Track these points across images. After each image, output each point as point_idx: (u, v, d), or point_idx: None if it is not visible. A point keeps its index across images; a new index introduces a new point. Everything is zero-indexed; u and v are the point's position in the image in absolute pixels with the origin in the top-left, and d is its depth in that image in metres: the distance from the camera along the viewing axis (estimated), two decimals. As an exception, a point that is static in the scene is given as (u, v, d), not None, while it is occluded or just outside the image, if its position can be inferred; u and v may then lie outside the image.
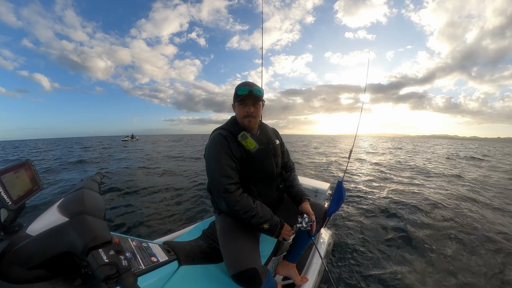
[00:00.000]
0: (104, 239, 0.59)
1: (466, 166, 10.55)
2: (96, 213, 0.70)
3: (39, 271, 0.60)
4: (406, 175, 7.55)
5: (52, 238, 0.60)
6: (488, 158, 14.93)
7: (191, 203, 4.33)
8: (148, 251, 0.98)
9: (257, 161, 1.27)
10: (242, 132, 1.26)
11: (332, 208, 2.09)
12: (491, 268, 2.37)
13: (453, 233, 3.13)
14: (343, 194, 2.13)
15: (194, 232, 1.48)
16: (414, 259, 2.52)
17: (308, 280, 1.55)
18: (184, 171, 7.89)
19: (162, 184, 5.83)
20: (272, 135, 1.45)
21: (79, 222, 0.62)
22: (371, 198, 4.73)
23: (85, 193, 0.79)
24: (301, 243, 1.48)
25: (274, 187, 1.38)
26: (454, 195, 5.05)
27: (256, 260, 1.11)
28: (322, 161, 11.28)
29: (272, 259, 1.44)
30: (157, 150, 17.56)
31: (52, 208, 0.70)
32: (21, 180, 0.70)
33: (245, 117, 1.27)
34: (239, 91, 1.25)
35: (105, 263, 0.53)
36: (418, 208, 4.02)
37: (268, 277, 1.20)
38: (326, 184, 2.41)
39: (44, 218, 0.67)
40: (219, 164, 1.17)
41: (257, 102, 1.28)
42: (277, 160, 1.38)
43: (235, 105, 1.32)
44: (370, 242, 2.89)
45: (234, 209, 1.12)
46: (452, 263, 2.45)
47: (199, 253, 1.22)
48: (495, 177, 7.67)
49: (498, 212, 4.09)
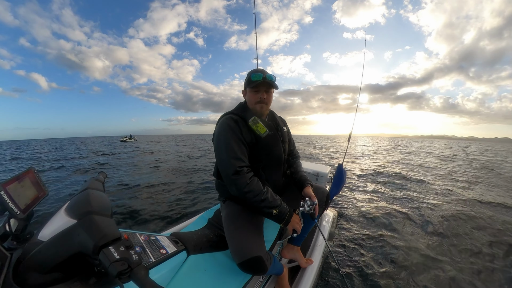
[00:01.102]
0: (113, 236, 0.60)
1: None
2: (103, 212, 0.71)
3: (55, 274, 0.62)
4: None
5: (63, 241, 0.62)
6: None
7: (195, 195, 4.41)
8: (156, 243, 1.01)
9: (267, 146, 1.28)
10: (253, 116, 1.25)
11: (334, 191, 2.13)
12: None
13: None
14: (344, 177, 2.16)
15: (200, 222, 1.51)
16: (419, 238, 2.59)
17: (313, 262, 1.61)
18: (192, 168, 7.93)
19: (167, 179, 5.91)
20: (280, 123, 1.46)
21: (87, 223, 0.63)
22: (372, 179, 4.80)
23: (90, 193, 0.80)
24: (305, 227, 1.53)
25: (281, 172, 1.40)
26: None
27: (260, 247, 1.14)
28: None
29: (277, 243, 1.48)
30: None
31: (60, 212, 0.72)
32: (27, 188, 0.71)
33: (258, 103, 1.28)
34: (252, 77, 1.24)
35: (117, 259, 0.54)
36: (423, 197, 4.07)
37: (274, 261, 1.25)
38: (327, 168, 2.44)
39: (53, 222, 0.68)
40: (230, 147, 1.16)
41: (269, 89, 1.28)
42: (285, 146, 1.40)
43: (246, 91, 1.32)
44: (373, 223, 2.96)
45: (244, 191, 1.11)
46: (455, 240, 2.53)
47: (206, 242, 1.25)
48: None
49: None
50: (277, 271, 1.35)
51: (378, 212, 3.30)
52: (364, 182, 5.08)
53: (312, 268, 1.56)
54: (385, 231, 2.73)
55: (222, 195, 1.39)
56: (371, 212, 3.29)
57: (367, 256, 2.29)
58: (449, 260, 2.22)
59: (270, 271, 1.20)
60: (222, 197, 1.39)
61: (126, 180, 6.00)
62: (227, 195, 1.34)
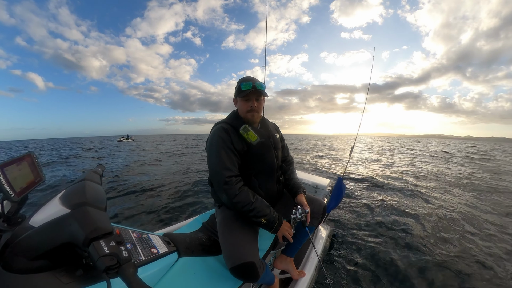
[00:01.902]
0: (105, 230, 0.59)
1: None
2: (97, 204, 0.70)
3: (42, 261, 0.61)
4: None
5: (54, 229, 0.61)
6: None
7: (192, 198, 4.38)
8: (148, 242, 0.99)
9: (258, 153, 1.29)
10: (244, 125, 1.27)
11: (332, 204, 2.10)
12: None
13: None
14: (343, 190, 2.14)
15: (194, 225, 1.50)
16: (412, 257, 2.54)
17: (305, 274, 1.57)
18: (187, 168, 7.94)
19: (163, 178, 5.89)
20: (273, 129, 1.47)
21: (80, 214, 0.63)
22: (368, 196, 4.75)
23: (87, 184, 0.80)
24: (299, 237, 1.50)
25: (274, 179, 1.39)
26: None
27: (254, 254, 1.13)
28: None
29: (270, 253, 1.46)
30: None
31: (54, 200, 0.71)
32: (24, 172, 0.71)
33: (249, 111, 1.29)
34: (242, 86, 1.26)
35: (106, 254, 0.53)
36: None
37: (266, 271, 1.22)
38: (326, 180, 2.42)
39: (47, 209, 0.68)
40: (219, 157, 1.19)
41: (259, 97, 1.30)
42: (277, 153, 1.40)
43: (237, 100, 1.33)
44: (368, 237, 2.91)
45: (233, 201, 1.14)
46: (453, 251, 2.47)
47: (198, 245, 1.24)
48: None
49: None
50: (269, 280, 1.33)
51: (378, 226, 3.25)
52: (364, 191, 5.01)
53: (304, 281, 1.52)
54: (384, 245, 2.68)
55: (217, 201, 1.39)
56: (370, 225, 3.23)
57: (362, 273, 2.23)
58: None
59: (261, 280, 1.18)
60: (217, 202, 1.39)
61: (125, 175, 5.98)
62: (222, 202, 1.34)
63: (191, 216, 1.72)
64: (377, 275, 2.21)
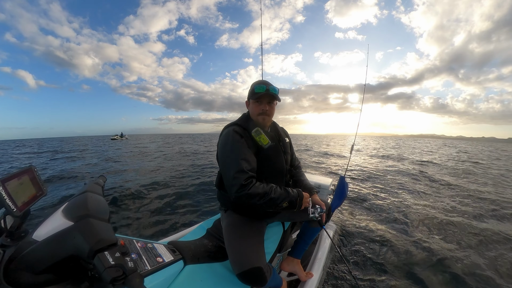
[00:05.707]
0: (109, 241, 0.59)
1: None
2: (100, 216, 0.70)
3: (47, 275, 0.60)
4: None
5: (58, 242, 0.61)
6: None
7: (194, 202, 4.35)
8: (153, 251, 0.99)
9: (269, 157, 1.28)
10: (256, 128, 1.26)
11: (335, 203, 2.10)
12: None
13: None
14: (346, 189, 2.13)
15: (199, 231, 1.49)
16: (419, 268, 2.52)
17: (313, 275, 1.56)
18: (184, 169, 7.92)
19: (165, 184, 5.86)
20: (282, 133, 1.47)
21: (84, 226, 0.62)
22: (373, 193, 4.74)
23: (89, 196, 0.79)
24: (306, 239, 1.49)
25: (283, 183, 1.38)
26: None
27: (261, 258, 1.12)
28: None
29: (276, 256, 1.44)
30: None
31: (57, 213, 0.70)
32: (25, 186, 0.70)
33: (260, 114, 1.29)
34: (256, 88, 1.27)
35: (111, 265, 0.53)
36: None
37: (273, 274, 1.21)
38: (328, 180, 2.42)
39: (49, 223, 0.67)
40: (234, 161, 1.14)
41: (272, 100, 1.30)
42: (286, 157, 1.40)
43: (249, 102, 1.34)
44: (373, 235, 2.89)
45: (251, 202, 1.09)
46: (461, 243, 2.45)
47: (204, 252, 1.23)
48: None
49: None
50: (276, 284, 1.31)
51: (383, 224, 3.23)
52: (369, 190, 5.00)
53: (312, 282, 1.51)
54: (391, 243, 2.66)
55: (223, 205, 1.38)
56: (376, 224, 3.22)
57: (369, 270, 2.21)
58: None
59: (269, 284, 1.16)
60: (223, 206, 1.38)
61: (124, 184, 5.95)
62: (229, 205, 1.33)
63: (194, 223, 1.71)
64: (385, 270, 2.19)
